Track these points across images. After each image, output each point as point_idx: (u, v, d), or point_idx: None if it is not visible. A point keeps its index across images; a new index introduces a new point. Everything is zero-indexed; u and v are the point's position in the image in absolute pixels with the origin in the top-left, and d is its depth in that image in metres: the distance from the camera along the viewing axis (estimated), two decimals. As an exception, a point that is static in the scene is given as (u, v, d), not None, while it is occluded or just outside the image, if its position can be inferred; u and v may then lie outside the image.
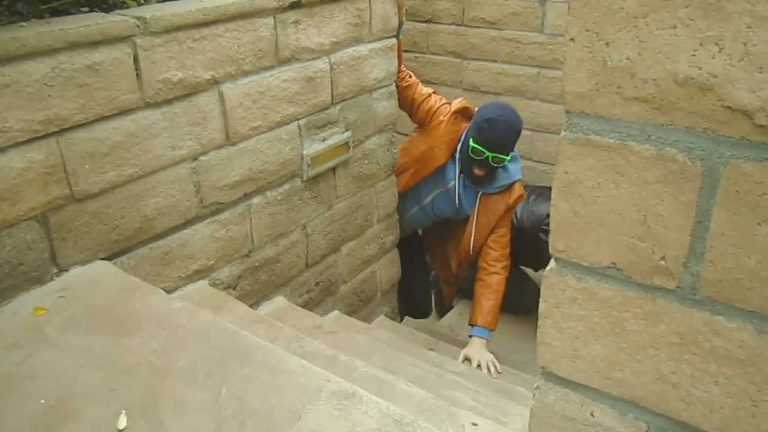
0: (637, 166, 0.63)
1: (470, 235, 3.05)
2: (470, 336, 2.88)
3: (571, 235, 0.70)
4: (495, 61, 3.98)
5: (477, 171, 2.85)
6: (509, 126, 2.78)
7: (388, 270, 3.24)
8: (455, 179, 3.00)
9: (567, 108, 0.66)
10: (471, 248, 3.06)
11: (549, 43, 3.74)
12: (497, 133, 2.75)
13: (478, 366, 2.72)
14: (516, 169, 3.00)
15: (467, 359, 2.78)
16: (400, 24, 2.81)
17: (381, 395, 1.42)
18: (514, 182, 2.99)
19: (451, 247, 3.29)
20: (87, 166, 1.75)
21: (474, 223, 3.04)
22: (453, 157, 2.98)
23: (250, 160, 2.24)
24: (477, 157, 2.79)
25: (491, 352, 2.84)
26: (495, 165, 2.81)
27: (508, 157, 2.81)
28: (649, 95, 0.60)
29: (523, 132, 3.91)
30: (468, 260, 3.18)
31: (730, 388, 0.66)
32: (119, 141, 1.80)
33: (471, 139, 2.80)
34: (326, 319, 2.59)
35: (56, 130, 1.66)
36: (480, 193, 2.98)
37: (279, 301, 2.52)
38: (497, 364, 2.75)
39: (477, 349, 2.81)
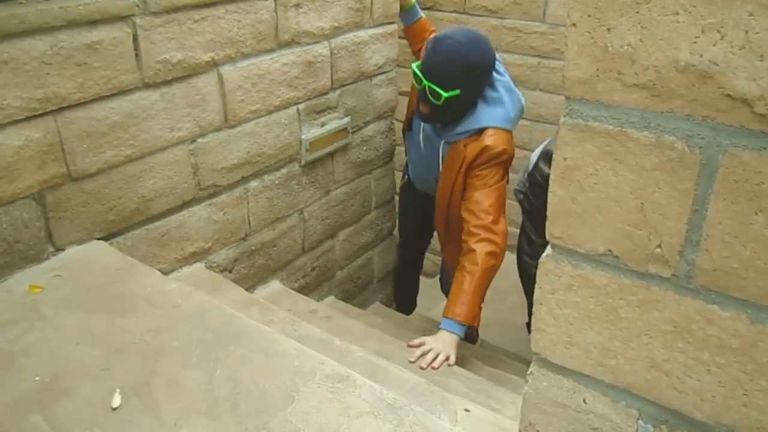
0: (635, 153, 0.63)
1: (435, 198, 2.50)
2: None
3: (568, 222, 0.70)
4: (496, 50, 3.96)
5: (420, 106, 2.31)
6: (453, 52, 2.15)
7: (384, 257, 3.25)
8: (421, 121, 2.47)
9: (567, 94, 0.65)
10: (437, 215, 2.54)
11: (550, 33, 3.72)
12: (436, 56, 2.17)
13: (422, 356, 2.09)
14: (489, 115, 2.28)
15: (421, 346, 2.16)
16: (414, 4, 2.69)
17: (375, 380, 1.42)
18: (484, 129, 2.27)
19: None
20: (84, 146, 1.74)
21: (438, 181, 2.47)
22: None
23: (249, 144, 2.24)
24: (417, 85, 2.25)
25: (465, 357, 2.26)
26: (432, 99, 2.20)
27: (446, 94, 2.16)
28: (649, 82, 0.60)
29: (522, 122, 3.91)
30: (446, 227, 2.56)
31: (722, 377, 0.66)
32: (117, 121, 1.80)
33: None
34: (321, 304, 2.60)
35: (54, 108, 1.65)
36: (442, 141, 2.40)
37: (274, 285, 2.53)
38: (452, 358, 2.12)
39: (438, 339, 2.18)
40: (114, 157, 1.82)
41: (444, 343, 2.16)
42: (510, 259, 3.66)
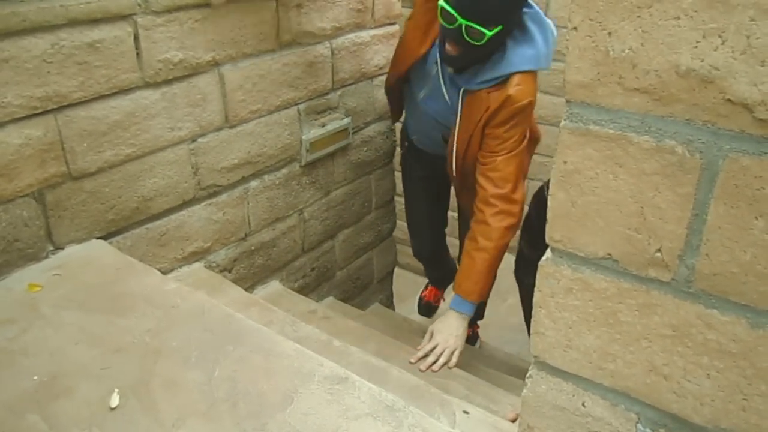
0: (636, 157, 0.63)
1: (452, 150, 2.23)
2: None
3: (568, 225, 0.70)
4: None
5: (448, 47, 1.99)
6: None
7: (384, 258, 3.25)
8: (437, 66, 2.17)
9: (568, 97, 0.65)
10: (454, 168, 2.28)
11: (552, 34, 3.72)
12: None
13: (426, 355, 2.09)
14: (521, 56, 2.00)
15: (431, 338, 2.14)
16: None
17: (374, 381, 1.42)
18: (513, 74, 2.00)
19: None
20: (85, 145, 1.74)
21: (456, 133, 2.18)
22: (435, 43, 2.16)
23: (249, 144, 2.24)
24: (448, 25, 1.92)
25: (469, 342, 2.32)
26: (471, 40, 1.90)
27: (490, 32, 1.87)
28: (650, 86, 0.60)
29: (523, 123, 3.93)
30: (461, 180, 2.32)
31: (722, 382, 0.66)
32: (118, 120, 1.80)
33: None
34: (321, 305, 2.60)
35: (55, 107, 1.65)
36: (462, 89, 2.11)
37: (274, 286, 2.53)
38: (454, 359, 2.10)
39: (446, 327, 2.14)
40: (114, 156, 1.82)
41: (451, 332, 2.11)
42: (509, 261, 3.65)
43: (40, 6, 1.56)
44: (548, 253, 0.74)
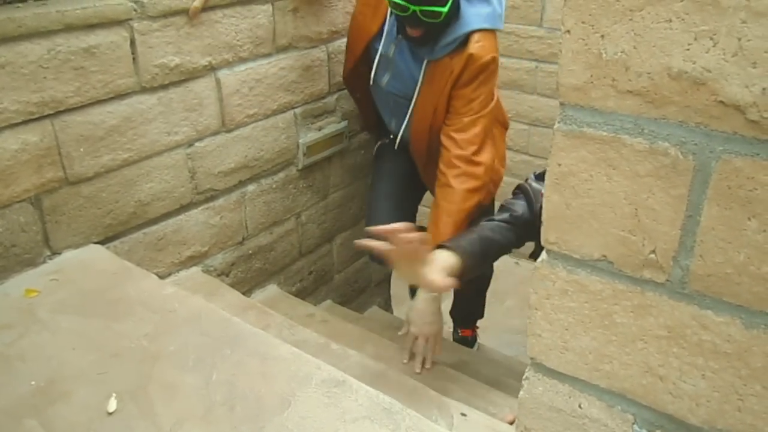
0: (629, 159, 0.63)
1: (407, 119, 2.18)
2: None
3: (562, 227, 0.70)
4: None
5: (410, 31, 1.97)
6: None
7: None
8: (395, 45, 2.13)
9: (561, 100, 0.66)
10: (415, 136, 2.20)
11: (548, 37, 3.73)
12: None
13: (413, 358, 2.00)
14: (476, 15, 1.98)
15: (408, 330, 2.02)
16: None
17: (371, 384, 1.42)
18: (470, 33, 1.98)
19: None
20: (81, 150, 1.74)
21: (414, 102, 2.14)
22: (387, 19, 2.14)
23: (246, 148, 2.24)
24: (402, 13, 1.92)
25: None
26: (429, 20, 1.90)
27: (445, 8, 1.88)
28: (643, 89, 0.60)
29: (520, 126, 3.93)
30: (427, 153, 2.22)
31: (717, 382, 0.66)
32: (114, 125, 1.80)
33: None
34: (318, 308, 2.60)
35: (51, 112, 1.65)
36: (426, 60, 2.08)
37: (272, 289, 2.53)
38: (437, 347, 1.98)
39: (418, 314, 1.96)
40: (111, 161, 1.82)
41: (425, 320, 1.94)
42: (507, 262, 3.66)
43: (37, 12, 1.56)
44: (544, 255, 0.74)
